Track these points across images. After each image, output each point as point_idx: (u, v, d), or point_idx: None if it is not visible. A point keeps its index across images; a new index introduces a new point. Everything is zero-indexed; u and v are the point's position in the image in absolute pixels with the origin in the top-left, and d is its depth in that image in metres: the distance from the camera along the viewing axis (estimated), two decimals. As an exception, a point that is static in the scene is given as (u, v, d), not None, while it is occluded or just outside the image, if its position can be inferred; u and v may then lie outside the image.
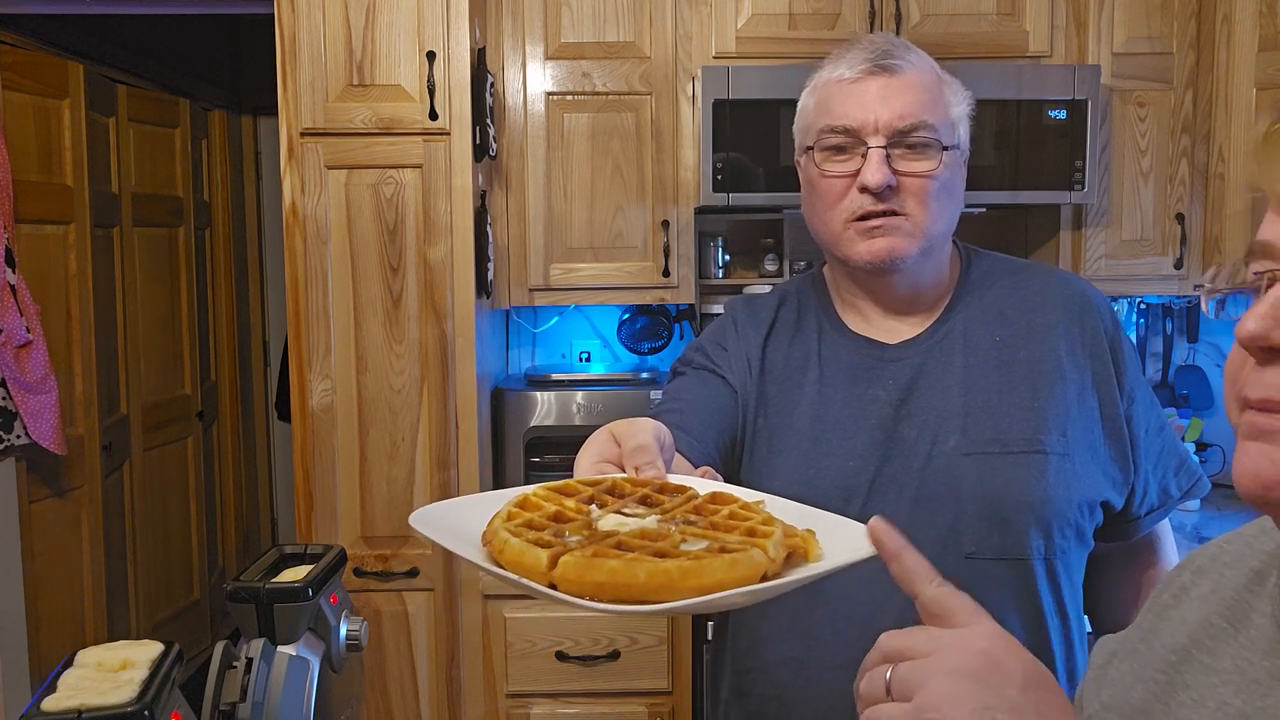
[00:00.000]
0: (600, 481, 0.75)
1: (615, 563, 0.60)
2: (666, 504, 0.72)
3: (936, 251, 1.16)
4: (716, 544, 0.64)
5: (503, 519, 0.69)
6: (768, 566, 0.63)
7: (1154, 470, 1.20)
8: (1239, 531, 0.74)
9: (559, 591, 0.61)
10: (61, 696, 0.78)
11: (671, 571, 0.59)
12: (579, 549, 0.62)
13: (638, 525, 0.68)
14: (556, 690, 2.24)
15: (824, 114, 1.14)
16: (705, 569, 0.60)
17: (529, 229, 2.47)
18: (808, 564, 0.66)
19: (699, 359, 1.24)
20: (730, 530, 0.67)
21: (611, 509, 0.71)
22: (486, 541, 0.67)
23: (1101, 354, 1.17)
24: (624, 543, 0.64)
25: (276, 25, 2.13)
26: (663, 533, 0.66)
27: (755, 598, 0.63)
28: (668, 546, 0.63)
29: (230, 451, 4.44)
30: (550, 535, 0.65)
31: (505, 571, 0.64)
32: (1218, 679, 0.64)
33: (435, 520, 0.71)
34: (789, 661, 1.14)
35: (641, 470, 0.77)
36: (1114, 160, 2.50)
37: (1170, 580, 0.78)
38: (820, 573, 0.65)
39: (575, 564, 0.60)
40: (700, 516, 0.71)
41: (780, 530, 0.67)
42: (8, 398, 2.72)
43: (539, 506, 0.71)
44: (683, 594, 0.59)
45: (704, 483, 0.79)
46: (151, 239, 3.75)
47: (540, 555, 0.62)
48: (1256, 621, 0.65)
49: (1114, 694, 0.73)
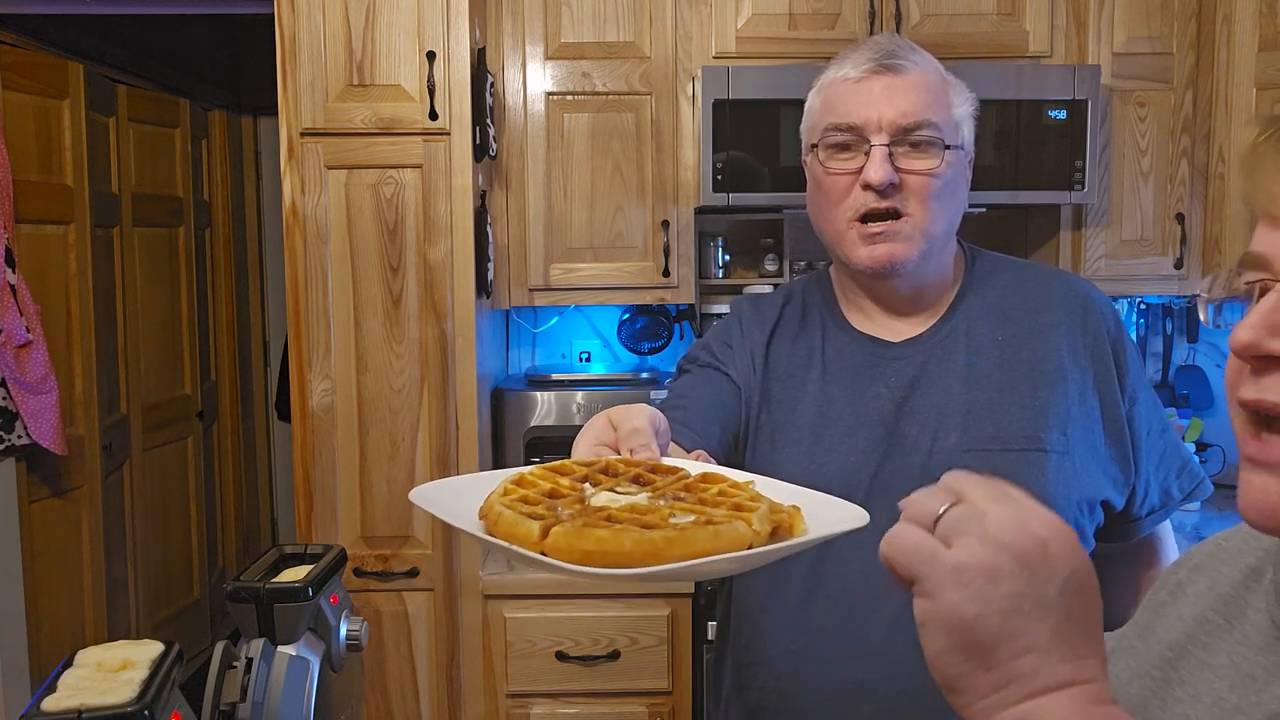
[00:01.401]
0: (595, 462, 0.77)
1: (603, 532, 0.62)
2: (658, 483, 0.74)
3: (938, 252, 1.17)
4: (703, 517, 0.66)
5: (499, 495, 0.71)
6: (751, 538, 0.64)
7: (1156, 471, 1.20)
8: (1235, 529, 0.74)
9: (550, 558, 0.63)
10: (61, 696, 0.78)
11: (657, 540, 0.61)
12: (570, 521, 0.64)
13: (629, 501, 0.69)
14: (556, 690, 2.24)
15: (829, 112, 1.15)
16: (690, 539, 0.62)
17: (529, 229, 2.47)
18: (792, 538, 0.68)
19: (704, 357, 1.25)
20: (718, 506, 0.69)
21: (605, 487, 0.73)
22: (483, 515, 0.69)
23: (1103, 355, 1.18)
24: (614, 516, 0.66)
25: (276, 25, 2.13)
26: (652, 507, 0.68)
27: (739, 565, 0.65)
28: (656, 519, 0.65)
29: (230, 451, 4.44)
30: (544, 509, 0.67)
31: (499, 540, 0.66)
32: (1213, 674, 0.65)
33: (434, 497, 0.74)
34: (789, 655, 1.15)
35: (636, 452, 0.79)
36: (1114, 160, 2.50)
37: (1167, 577, 0.78)
38: (803, 544, 0.66)
39: (565, 534, 0.62)
40: (690, 494, 0.72)
41: (766, 505, 0.68)
42: (8, 398, 2.72)
43: (534, 484, 0.73)
44: (668, 562, 0.61)
45: (696, 464, 0.81)
46: (151, 239, 3.75)
47: (532, 526, 0.64)
48: (1252, 618, 0.65)
49: (1111, 688, 0.74)
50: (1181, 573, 0.76)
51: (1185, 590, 0.74)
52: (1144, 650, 0.73)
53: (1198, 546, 0.78)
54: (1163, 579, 0.79)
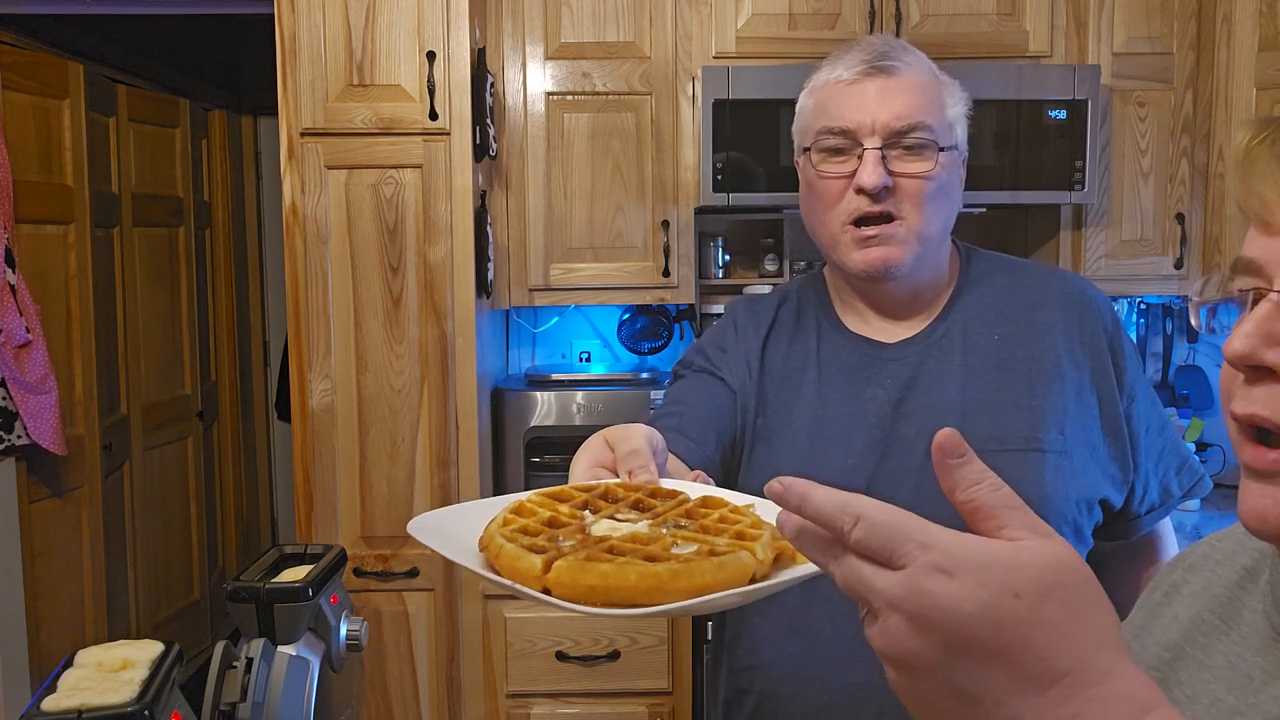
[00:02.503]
0: (594, 487, 0.77)
1: (607, 566, 0.61)
2: (658, 508, 0.74)
3: (932, 254, 1.17)
4: (706, 547, 0.65)
5: (498, 525, 0.70)
6: (756, 568, 0.64)
7: (1155, 469, 1.20)
8: (1229, 530, 0.74)
9: (553, 596, 0.62)
10: (61, 696, 0.78)
11: (661, 574, 0.60)
12: (572, 554, 0.63)
13: (630, 530, 0.69)
14: (556, 690, 2.24)
15: (821, 115, 1.15)
16: (695, 571, 0.61)
17: (529, 229, 2.47)
18: (796, 565, 0.67)
19: (699, 361, 1.25)
20: (720, 533, 0.68)
21: (604, 514, 0.72)
22: (483, 548, 0.68)
23: (1101, 353, 1.18)
24: (616, 547, 0.65)
25: (276, 25, 2.13)
26: (654, 536, 0.67)
27: (745, 599, 0.64)
28: (658, 550, 0.64)
29: (230, 451, 4.44)
30: (544, 540, 0.67)
31: (500, 578, 0.65)
32: (1210, 675, 0.65)
33: (432, 527, 0.73)
34: (787, 658, 1.14)
35: (635, 474, 0.79)
36: (1114, 160, 2.50)
37: (1162, 578, 0.78)
38: (807, 574, 0.66)
39: (568, 568, 0.62)
40: (691, 520, 0.72)
41: (769, 533, 0.67)
42: (8, 398, 2.72)
43: (534, 513, 0.72)
44: (673, 596, 0.60)
45: (696, 486, 0.81)
46: (151, 239, 3.75)
47: (534, 561, 0.63)
48: (1248, 618, 0.65)
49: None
50: (1176, 573, 0.76)
51: (1180, 591, 0.74)
52: (1140, 652, 0.73)
53: (1192, 547, 0.78)
54: (1157, 579, 0.79)
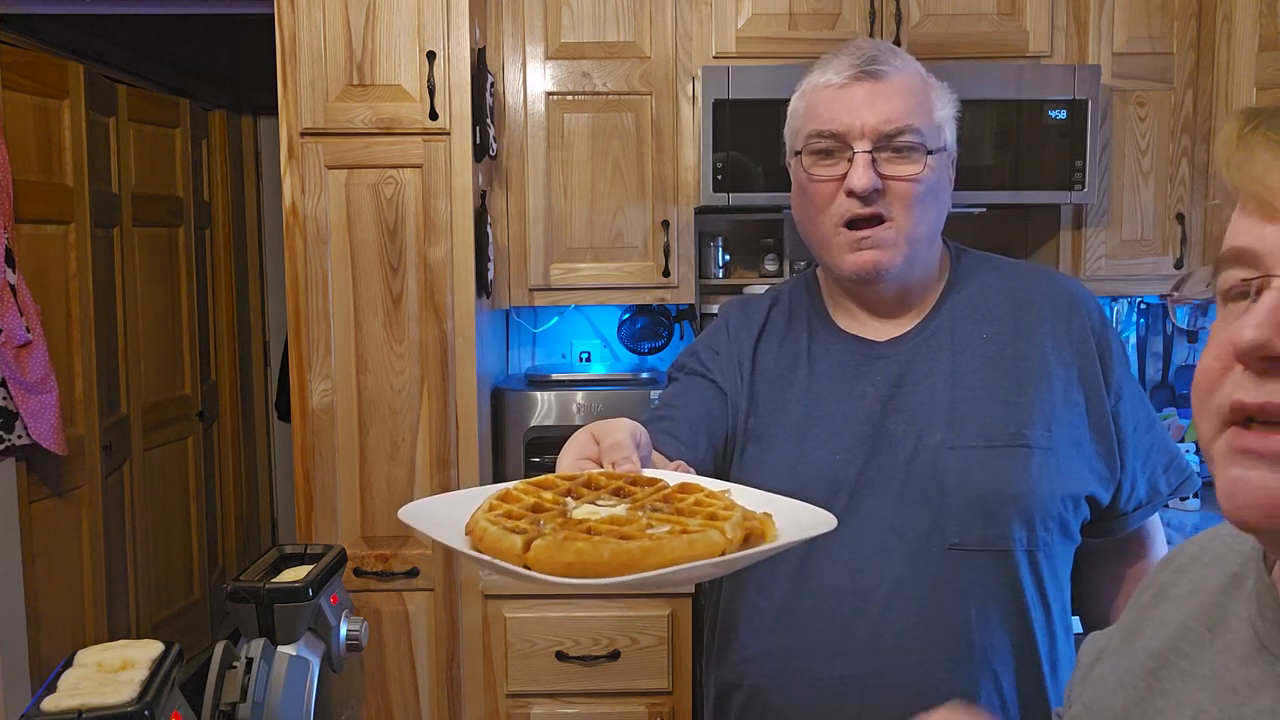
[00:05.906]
0: (578, 476, 0.80)
1: (582, 544, 0.65)
2: (638, 494, 0.77)
3: (922, 255, 1.19)
4: (679, 527, 0.69)
5: (484, 510, 0.73)
6: (725, 545, 0.67)
7: (1142, 467, 1.21)
8: (1215, 531, 0.74)
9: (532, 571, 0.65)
10: (61, 696, 0.78)
11: (633, 551, 0.64)
12: (551, 534, 0.67)
13: (609, 513, 0.72)
14: (556, 690, 2.24)
15: (811, 119, 1.17)
16: (665, 548, 0.65)
17: (529, 229, 2.47)
18: (765, 543, 0.71)
19: (691, 364, 1.28)
20: (693, 515, 0.72)
21: (586, 500, 0.76)
22: (469, 531, 0.72)
23: (1088, 351, 1.19)
24: (594, 528, 0.68)
25: (276, 25, 2.13)
26: (630, 519, 0.71)
27: (717, 570, 0.68)
28: (633, 530, 0.68)
29: (230, 451, 4.44)
30: (527, 524, 0.70)
31: (483, 555, 0.69)
32: (1196, 685, 0.64)
33: (422, 514, 0.77)
34: (777, 651, 1.16)
35: (618, 465, 0.82)
36: (1114, 160, 2.50)
37: (1151, 578, 0.78)
38: (774, 548, 0.70)
39: (546, 547, 0.65)
40: (667, 504, 0.75)
41: (739, 514, 0.71)
42: (8, 398, 2.72)
43: (519, 499, 0.76)
44: (645, 570, 0.64)
45: (675, 474, 0.85)
46: (151, 239, 3.75)
47: (515, 541, 0.67)
48: (1234, 626, 0.64)
49: (1095, 696, 0.74)
50: (1165, 574, 0.76)
51: (1169, 593, 0.74)
52: (1129, 657, 0.72)
53: (1180, 548, 0.78)
54: (1147, 580, 0.78)
